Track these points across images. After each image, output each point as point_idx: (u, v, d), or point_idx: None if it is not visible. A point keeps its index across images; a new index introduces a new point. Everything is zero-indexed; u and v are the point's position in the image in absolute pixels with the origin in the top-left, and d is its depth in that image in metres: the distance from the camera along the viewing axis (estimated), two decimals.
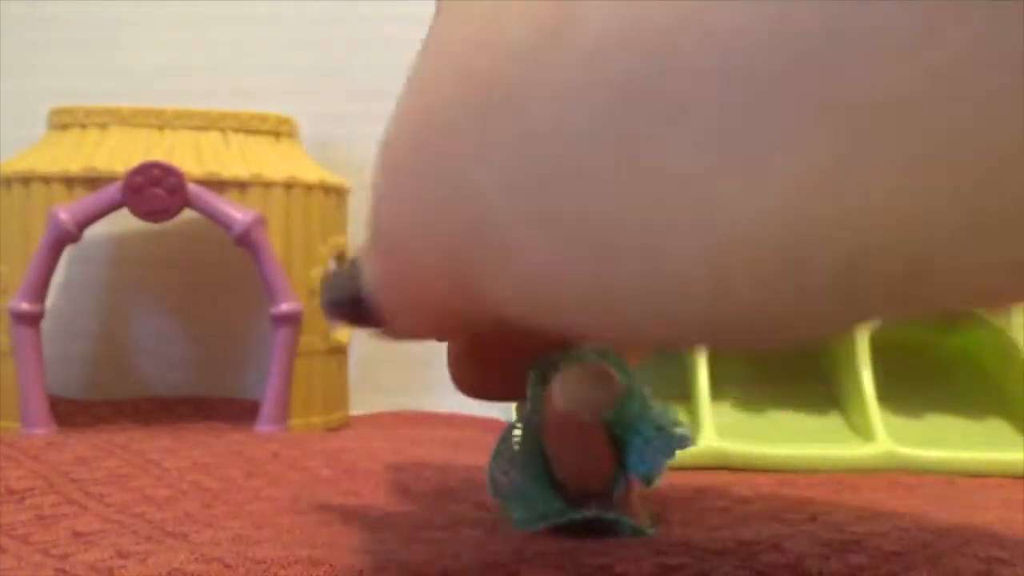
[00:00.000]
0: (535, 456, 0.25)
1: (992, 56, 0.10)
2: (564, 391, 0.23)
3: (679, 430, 0.24)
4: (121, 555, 0.23)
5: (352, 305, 0.20)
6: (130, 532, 0.25)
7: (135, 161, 0.43)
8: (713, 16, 0.11)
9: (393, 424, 0.50)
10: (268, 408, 0.45)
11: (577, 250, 0.12)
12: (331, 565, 0.21)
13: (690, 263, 0.12)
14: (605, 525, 0.25)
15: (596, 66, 0.12)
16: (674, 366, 0.43)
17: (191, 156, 0.45)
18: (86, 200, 0.43)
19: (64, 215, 0.43)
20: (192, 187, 0.43)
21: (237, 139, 0.47)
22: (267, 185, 0.45)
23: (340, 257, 0.51)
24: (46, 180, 0.44)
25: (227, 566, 0.21)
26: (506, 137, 0.13)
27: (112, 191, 0.43)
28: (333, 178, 0.49)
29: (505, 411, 0.48)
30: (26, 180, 0.44)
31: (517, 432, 0.26)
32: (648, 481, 0.25)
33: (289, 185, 0.46)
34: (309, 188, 0.47)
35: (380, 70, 0.56)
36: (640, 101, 0.11)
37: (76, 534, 0.25)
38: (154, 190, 0.43)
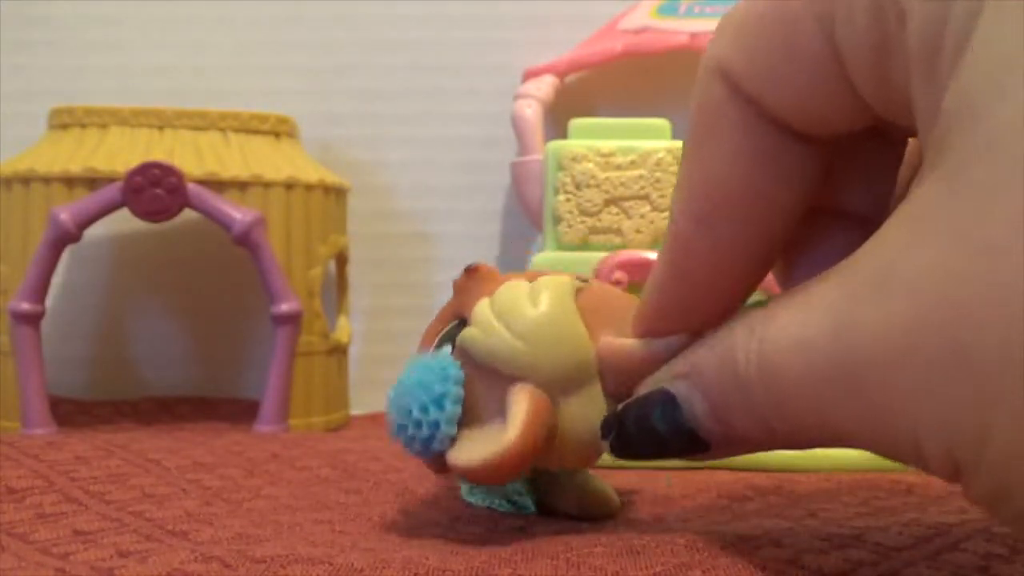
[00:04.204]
0: None
1: None
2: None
3: None
4: (121, 554, 0.23)
5: (677, 436, 0.21)
6: (130, 531, 0.26)
7: (135, 161, 0.43)
8: None
9: None
10: (268, 408, 0.45)
11: None
12: (331, 564, 0.21)
13: None
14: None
15: None
16: None
17: (191, 156, 0.45)
18: (86, 200, 0.43)
19: (64, 215, 0.43)
20: (192, 187, 0.43)
21: (237, 139, 0.47)
22: (267, 185, 0.45)
23: (340, 257, 0.51)
24: (46, 180, 0.44)
25: (227, 565, 0.21)
26: None
27: (112, 191, 0.43)
28: (333, 178, 0.49)
29: None
30: (26, 180, 0.44)
31: None
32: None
33: (289, 185, 0.46)
34: (309, 188, 0.47)
35: (380, 70, 0.56)
36: None
37: (76, 533, 0.25)
38: (154, 190, 0.43)
